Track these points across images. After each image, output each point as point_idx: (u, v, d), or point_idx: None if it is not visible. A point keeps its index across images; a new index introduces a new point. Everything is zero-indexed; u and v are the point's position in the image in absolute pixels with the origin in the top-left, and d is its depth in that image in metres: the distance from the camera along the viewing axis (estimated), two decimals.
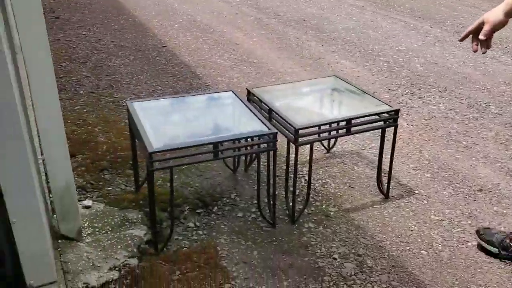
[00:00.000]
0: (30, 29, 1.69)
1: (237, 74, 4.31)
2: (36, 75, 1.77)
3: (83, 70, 4.20)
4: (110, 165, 2.78)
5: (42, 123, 1.87)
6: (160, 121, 2.29)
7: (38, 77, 1.78)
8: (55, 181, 2.00)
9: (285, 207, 2.47)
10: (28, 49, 1.72)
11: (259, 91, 2.56)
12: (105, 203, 2.45)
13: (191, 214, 2.43)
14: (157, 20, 5.96)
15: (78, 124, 3.22)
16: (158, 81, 4.08)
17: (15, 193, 1.65)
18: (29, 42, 1.71)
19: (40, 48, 1.73)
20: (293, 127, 2.16)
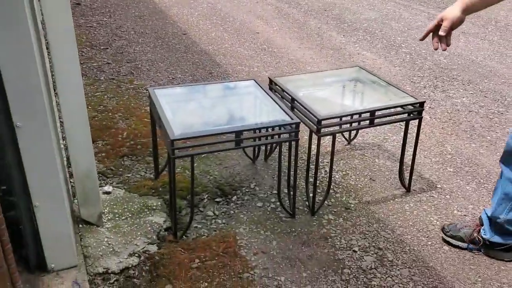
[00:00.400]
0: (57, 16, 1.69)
1: (257, 63, 4.28)
2: (61, 61, 1.77)
3: (104, 57, 4.21)
4: (130, 152, 2.78)
5: (66, 108, 1.88)
6: (181, 108, 2.28)
7: (63, 62, 1.78)
8: (77, 166, 2.01)
9: (304, 198, 2.45)
10: (54, 35, 1.71)
11: (282, 80, 2.53)
12: (125, 189, 2.46)
13: (210, 203, 2.43)
14: (177, 7, 5.94)
15: (98, 110, 3.23)
16: (178, 68, 4.07)
17: (39, 177, 1.66)
18: (55, 28, 1.71)
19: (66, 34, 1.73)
20: (316, 117, 2.13)
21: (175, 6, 5.98)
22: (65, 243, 1.82)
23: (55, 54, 1.75)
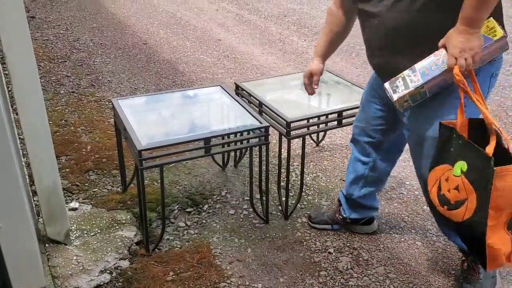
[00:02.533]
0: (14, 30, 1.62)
1: (221, 70, 4.25)
2: (19, 76, 1.70)
3: (62, 70, 4.09)
4: (96, 166, 2.70)
5: (26, 124, 1.80)
6: (147, 118, 2.23)
7: (21, 78, 1.70)
8: (41, 182, 1.93)
9: (277, 203, 2.43)
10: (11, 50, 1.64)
11: (248, 85, 2.51)
12: (92, 204, 2.38)
13: (181, 213, 2.38)
14: (136, 17, 5.86)
15: (60, 125, 3.12)
16: (140, 79, 4.00)
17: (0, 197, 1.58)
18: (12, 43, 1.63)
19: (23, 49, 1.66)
20: (285, 120, 2.12)
21: (134, 16, 5.89)
22: (32, 264, 1.74)
23: (12, 69, 1.67)
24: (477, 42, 1.42)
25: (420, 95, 1.55)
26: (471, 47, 1.41)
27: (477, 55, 1.43)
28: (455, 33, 1.43)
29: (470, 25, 1.40)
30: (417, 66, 1.53)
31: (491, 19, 1.46)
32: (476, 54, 1.42)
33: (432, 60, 1.50)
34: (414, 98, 1.56)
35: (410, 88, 1.53)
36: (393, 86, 1.59)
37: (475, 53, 1.42)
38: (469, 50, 1.41)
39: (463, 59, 1.42)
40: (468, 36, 1.41)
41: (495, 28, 1.45)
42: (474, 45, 1.41)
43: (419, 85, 1.51)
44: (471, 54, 1.42)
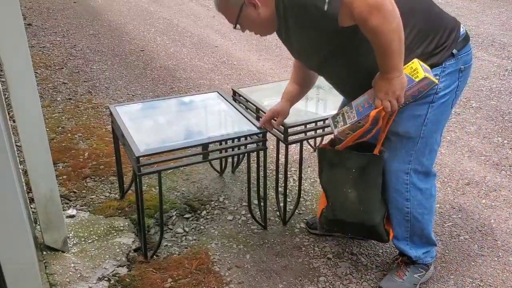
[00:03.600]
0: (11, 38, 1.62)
1: (218, 76, 4.26)
2: (17, 84, 1.70)
3: (59, 77, 4.08)
4: (93, 173, 2.69)
5: (24, 130, 1.79)
6: (145, 124, 2.23)
7: (19, 85, 1.70)
8: (38, 190, 1.92)
9: (275, 208, 2.43)
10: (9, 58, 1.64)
11: (245, 90, 2.52)
12: (90, 211, 2.37)
13: (179, 220, 2.37)
14: (133, 24, 5.86)
15: (57, 132, 3.12)
16: (137, 85, 4.00)
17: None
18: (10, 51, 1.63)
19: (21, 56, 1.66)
20: (283, 125, 2.13)
21: (131, 23, 5.90)
22: (29, 273, 1.72)
23: (10, 77, 1.67)
24: (399, 85, 1.53)
25: (360, 128, 1.67)
26: (393, 90, 1.52)
27: (401, 97, 1.54)
28: (379, 77, 1.55)
29: (387, 72, 1.51)
30: (353, 103, 1.68)
31: (415, 61, 1.55)
32: (399, 96, 1.54)
33: (365, 98, 1.64)
34: (355, 131, 1.69)
35: (348, 124, 1.67)
36: (334, 121, 1.74)
37: (398, 95, 1.53)
38: (392, 93, 1.53)
39: (387, 102, 1.55)
40: (388, 80, 1.52)
41: (417, 70, 1.53)
42: (396, 88, 1.52)
43: (355, 121, 1.65)
44: (394, 97, 1.54)
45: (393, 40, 1.43)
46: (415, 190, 1.74)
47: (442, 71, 1.60)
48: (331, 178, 1.80)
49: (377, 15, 1.37)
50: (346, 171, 1.73)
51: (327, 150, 1.78)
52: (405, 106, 1.63)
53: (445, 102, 1.66)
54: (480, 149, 3.04)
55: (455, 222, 2.36)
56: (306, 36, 1.61)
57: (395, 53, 1.46)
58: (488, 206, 2.48)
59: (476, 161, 2.91)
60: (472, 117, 3.50)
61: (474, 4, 6.72)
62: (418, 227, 1.82)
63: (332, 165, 1.78)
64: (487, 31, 5.49)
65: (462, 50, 1.63)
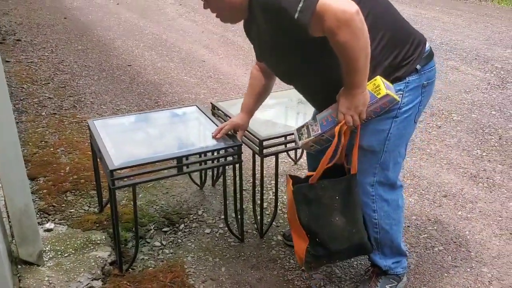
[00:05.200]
0: None
1: (203, 90, 4.30)
2: None
3: (45, 92, 4.11)
4: (73, 187, 2.71)
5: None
6: (122, 138, 2.25)
7: None
8: (13, 204, 1.93)
9: (253, 221, 2.44)
10: None
11: (224, 104, 2.55)
12: (68, 225, 2.38)
13: (157, 233, 2.38)
14: (122, 40, 5.92)
15: (40, 146, 3.13)
16: (123, 100, 4.03)
17: None
18: None
19: None
20: (258, 138, 2.16)
21: (120, 39, 5.95)
22: (2, 287, 1.73)
23: None
24: (361, 100, 1.54)
25: (324, 141, 1.71)
26: (356, 106, 1.55)
27: (363, 113, 1.57)
28: (342, 93, 1.58)
29: (351, 87, 1.53)
30: (318, 116, 1.70)
31: (378, 78, 1.58)
32: (361, 111, 1.56)
33: (329, 112, 1.66)
34: (319, 143, 1.73)
35: (311, 137, 1.70)
36: (299, 133, 1.77)
37: (360, 111, 1.56)
38: (354, 108, 1.55)
39: (350, 117, 1.57)
40: (351, 96, 1.54)
41: (380, 87, 1.56)
42: (359, 104, 1.55)
43: (318, 134, 1.67)
44: (356, 112, 1.56)
45: (360, 57, 1.45)
46: (381, 202, 1.77)
47: (405, 86, 1.63)
48: (312, 214, 1.67)
49: (345, 30, 1.39)
50: (328, 201, 1.67)
51: (302, 187, 1.67)
52: (369, 121, 1.65)
53: (408, 117, 1.68)
54: (459, 162, 3.07)
55: (430, 234, 2.38)
56: (275, 38, 1.59)
57: (361, 70, 1.49)
58: (464, 217, 2.51)
59: (455, 173, 2.94)
60: (452, 129, 3.54)
61: (460, 19, 6.83)
62: (387, 238, 1.84)
63: (309, 201, 1.66)
64: (471, 45, 5.58)
65: (426, 66, 1.66)
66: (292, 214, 1.72)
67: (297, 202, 1.67)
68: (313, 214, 1.68)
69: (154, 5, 8.06)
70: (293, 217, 1.70)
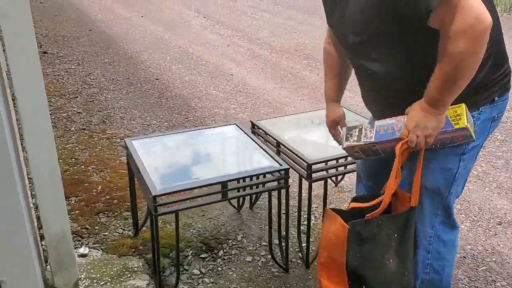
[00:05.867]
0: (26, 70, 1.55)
1: (233, 105, 4.18)
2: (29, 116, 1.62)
3: (73, 106, 4.04)
4: (106, 207, 2.60)
5: (36, 165, 1.71)
6: (162, 160, 2.14)
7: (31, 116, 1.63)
8: (49, 228, 1.82)
9: (297, 249, 2.30)
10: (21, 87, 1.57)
11: (265, 123, 2.42)
12: (103, 249, 2.27)
13: (196, 260, 2.25)
14: (148, 53, 5.86)
15: (70, 164, 3.04)
16: (152, 115, 3.94)
17: (5, 247, 1.48)
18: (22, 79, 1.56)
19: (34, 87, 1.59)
20: (306, 161, 2.02)
21: (146, 52, 5.90)
22: None
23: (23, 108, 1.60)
24: (435, 123, 1.34)
25: (373, 152, 1.50)
26: (426, 127, 1.34)
27: (431, 137, 1.36)
28: (417, 106, 1.36)
29: (432, 105, 1.33)
30: (377, 123, 1.49)
31: (463, 105, 1.36)
32: (430, 135, 1.36)
33: (391, 123, 1.45)
34: (366, 153, 1.53)
35: (360, 142, 1.50)
36: (348, 133, 1.55)
37: (428, 134, 1.35)
38: (423, 129, 1.35)
39: (415, 136, 1.36)
40: (427, 114, 1.33)
41: (461, 116, 1.35)
42: (430, 126, 1.34)
43: (370, 142, 1.47)
44: (424, 134, 1.35)
45: (463, 76, 1.25)
46: (438, 243, 1.57)
47: (477, 118, 1.43)
48: (364, 256, 1.46)
49: (469, 42, 1.18)
50: (385, 241, 1.46)
51: (356, 224, 1.44)
52: (434, 158, 1.45)
53: (474, 154, 1.49)
54: (509, 185, 2.90)
55: (489, 266, 2.21)
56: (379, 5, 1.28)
57: (455, 90, 1.28)
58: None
59: (506, 198, 2.76)
60: (498, 150, 3.37)
61: None
62: (437, 280, 1.64)
63: (363, 241, 1.45)
64: None
65: (502, 96, 1.46)
66: (333, 256, 1.50)
67: (350, 243, 1.45)
68: (365, 256, 1.46)
69: (178, 18, 8.03)
70: (335, 261, 1.49)
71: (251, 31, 6.99)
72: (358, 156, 1.57)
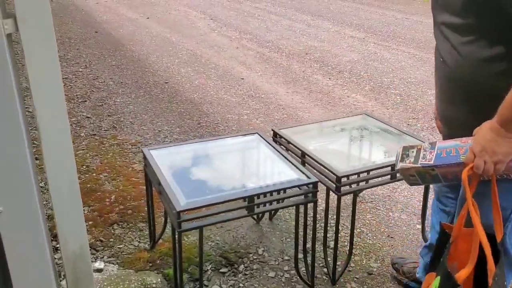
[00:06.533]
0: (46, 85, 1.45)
1: (246, 111, 4.08)
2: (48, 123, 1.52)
3: (82, 110, 3.94)
4: (121, 218, 2.50)
5: (54, 176, 1.60)
6: (183, 171, 2.03)
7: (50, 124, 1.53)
8: (67, 246, 1.71)
9: (321, 264, 2.20)
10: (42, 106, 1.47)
11: (287, 132, 2.32)
12: (119, 264, 2.17)
13: (215, 275, 2.15)
14: (156, 55, 5.76)
15: (81, 171, 2.94)
16: (163, 120, 3.84)
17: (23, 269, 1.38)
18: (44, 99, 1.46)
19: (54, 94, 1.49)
20: (335, 174, 1.92)
21: (153, 54, 5.80)
22: None
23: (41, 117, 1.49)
24: (505, 149, 1.19)
25: (432, 178, 1.35)
26: (495, 152, 1.19)
27: (501, 163, 1.21)
28: (487, 127, 1.21)
29: (505, 126, 1.18)
30: (439, 143, 1.35)
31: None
32: (500, 161, 1.20)
33: (456, 144, 1.30)
34: (423, 178, 1.37)
35: (417, 164, 1.34)
36: (404, 153, 1.41)
37: (498, 159, 1.20)
38: (491, 153, 1.20)
39: (482, 161, 1.21)
40: (498, 137, 1.19)
41: None
42: (500, 151, 1.19)
43: (429, 165, 1.32)
44: (493, 160, 1.20)
45: None
46: None
47: None
48: None
49: None
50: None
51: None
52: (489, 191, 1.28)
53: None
54: None
55: None
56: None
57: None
58: None
59: None
60: None
61: None
62: None
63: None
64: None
65: None
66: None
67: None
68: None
69: (184, 20, 7.93)
70: None
71: (260, 33, 6.89)
72: (413, 181, 1.42)
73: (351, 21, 7.83)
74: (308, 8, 8.99)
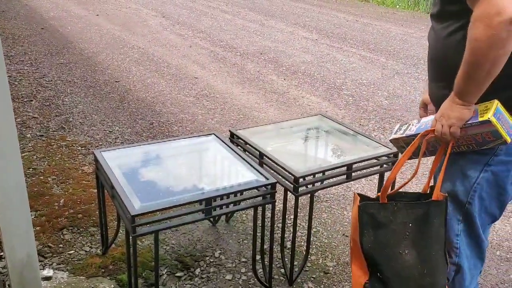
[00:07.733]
0: None
1: (200, 111, 4.03)
2: None
3: (28, 110, 3.76)
4: (70, 223, 2.39)
5: None
6: (137, 174, 1.97)
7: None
8: (13, 255, 1.63)
9: (278, 265, 2.19)
10: None
11: (244, 133, 2.30)
12: (69, 270, 2.07)
13: (171, 279, 2.10)
14: (105, 53, 5.59)
15: (28, 174, 2.80)
16: (114, 120, 3.72)
17: None
18: None
19: None
20: (293, 175, 1.92)
21: (103, 52, 5.63)
22: None
23: None
24: (459, 114, 1.33)
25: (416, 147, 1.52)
26: (450, 116, 1.35)
27: (454, 127, 1.35)
28: (448, 97, 1.36)
29: (457, 94, 1.32)
30: (423, 119, 1.55)
31: (494, 101, 1.32)
32: (453, 124, 1.35)
33: (432, 118, 1.46)
34: (408, 145, 1.52)
35: (403, 135, 1.55)
36: (398, 128, 1.62)
37: (451, 123, 1.35)
38: (447, 118, 1.36)
39: (440, 125, 1.37)
40: (453, 104, 1.34)
41: (488, 110, 1.31)
42: (453, 116, 1.34)
43: (411, 134, 1.51)
44: (447, 123, 1.35)
45: (481, 67, 1.22)
46: (462, 258, 1.52)
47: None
48: (377, 241, 1.44)
49: (483, 31, 1.18)
50: (399, 228, 1.43)
51: (369, 206, 1.44)
52: (457, 160, 1.41)
53: (502, 174, 1.40)
54: None
55: None
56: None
57: (473, 80, 1.25)
58: None
59: None
60: None
61: None
62: None
63: (377, 225, 1.44)
64: None
65: None
66: (354, 236, 1.49)
67: (361, 223, 1.44)
68: (378, 240, 1.44)
69: (136, 17, 7.76)
70: (355, 243, 1.48)
71: (213, 32, 6.84)
72: (403, 151, 1.56)
73: (304, 22, 7.91)
74: (261, 8, 9.02)
